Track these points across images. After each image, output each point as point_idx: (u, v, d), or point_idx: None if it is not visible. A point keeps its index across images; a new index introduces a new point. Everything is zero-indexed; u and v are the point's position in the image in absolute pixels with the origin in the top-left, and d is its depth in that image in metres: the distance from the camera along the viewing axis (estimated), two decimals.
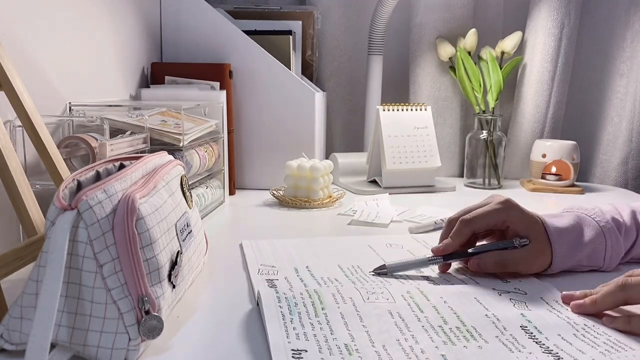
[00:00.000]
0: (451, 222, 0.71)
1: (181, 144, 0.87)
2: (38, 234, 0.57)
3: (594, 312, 0.56)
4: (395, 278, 0.66)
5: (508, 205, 0.69)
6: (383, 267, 0.67)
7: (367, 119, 1.37)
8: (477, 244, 0.71)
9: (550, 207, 1.12)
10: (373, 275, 0.67)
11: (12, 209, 0.58)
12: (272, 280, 0.65)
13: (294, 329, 0.50)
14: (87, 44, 0.90)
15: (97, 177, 0.54)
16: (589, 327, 0.53)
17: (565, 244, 0.68)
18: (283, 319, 0.52)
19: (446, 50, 1.31)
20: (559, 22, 1.28)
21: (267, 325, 0.51)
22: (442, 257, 0.68)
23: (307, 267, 0.70)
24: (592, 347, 0.49)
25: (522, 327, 0.52)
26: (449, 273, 0.69)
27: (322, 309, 0.55)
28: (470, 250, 0.68)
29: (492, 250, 0.68)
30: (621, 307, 0.56)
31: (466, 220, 0.68)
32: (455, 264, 0.70)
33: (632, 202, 0.76)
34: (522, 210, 0.69)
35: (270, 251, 0.76)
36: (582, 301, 0.57)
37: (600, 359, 0.47)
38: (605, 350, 0.48)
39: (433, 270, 0.69)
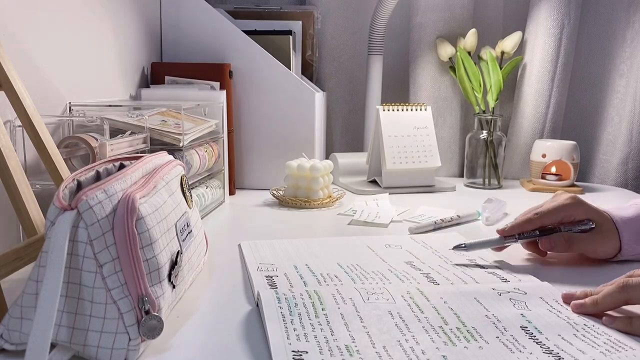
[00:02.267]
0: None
1: (181, 144, 0.87)
2: (38, 234, 0.57)
3: (595, 313, 0.56)
4: (397, 277, 0.66)
5: (576, 201, 0.75)
6: (462, 245, 0.76)
7: (367, 119, 1.37)
8: None
9: None
10: (453, 250, 0.76)
11: (12, 209, 0.58)
12: (271, 277, 0.65)
13: (294, 329, 0.50)
14: (87, 44, 0.90)
15: (97, 177, 0.54)
16: (589, 327, 0.53)
17: (631, 230, 0.73)
18: (283, 320, 0.52)
19: (446, 50, 1.31)
20: (559, 22, 1.28)
21: (267, 326, 0.51)
22: (517, 236, 0.74)
23: (306, 264, 0.70)
24: (593, 347, 0.49)
25: (522, 328, 0.52)
26: (458, 269, 0.69)
27: (322, 309, 0.55)
28: (539, 232, 0.75)
29: (562, 231, 0.74)
30: (622, 307, 0.56)
31: (537, 213, 0.75)
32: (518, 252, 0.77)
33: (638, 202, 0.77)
34: (588, 205, 0.74)
35: (269, 251, 0.76)
36: (582, 301, 0.57)
37: (600, 358, 0.47)
38: (606, 350, 0.48)
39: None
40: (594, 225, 0.73)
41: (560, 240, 0.73)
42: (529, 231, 0.75)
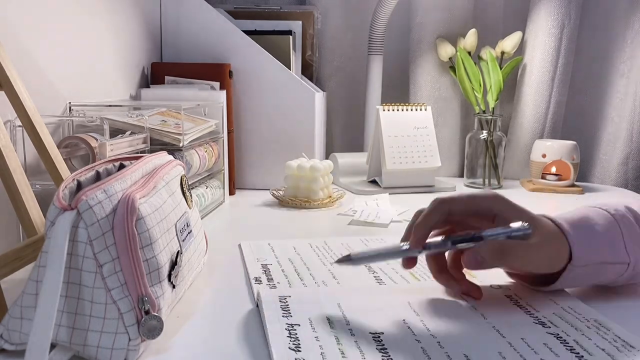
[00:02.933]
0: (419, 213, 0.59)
1: (181, 144, 0.87)
2: (38, 234, 0.57)
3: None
4: (402, 278, 0.66)
5: (494, 194, 0.57)
6: (348, 257, 0.55)
7: (367, 119, 1.37)
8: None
9: (551, 207, 1.12)
10: (337, 264, 0.57)
11: (12, 209, 0.58)
12: (271, 277, 0.65)
13: (294, 330, 0.50)
14: (88, 44, 0.90)
15: (97, 177, 0.54)
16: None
17: (580, 233, 0.56)
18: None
19: (446, 50, 1.31)
20: (559, 22, 1.28)
21: (267, 327, 0.51)
22: (423, 246, 0.55)
23: (306, 265, 0.70)
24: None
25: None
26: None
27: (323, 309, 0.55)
28: (452, 239, 0.55)
29: (484, 238, 0.54)
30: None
31: (444, 199, 0.55)
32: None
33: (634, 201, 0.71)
34: (511, 202, 0.57)
35: (269, 251, 0.76)
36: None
37: None
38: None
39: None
40: (529, 229, 0.54)
41: (487, 250, 0.53)
42: (440, 236, 0.56)
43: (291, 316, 0.53)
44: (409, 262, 0.57)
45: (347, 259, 0.55)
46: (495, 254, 0.53)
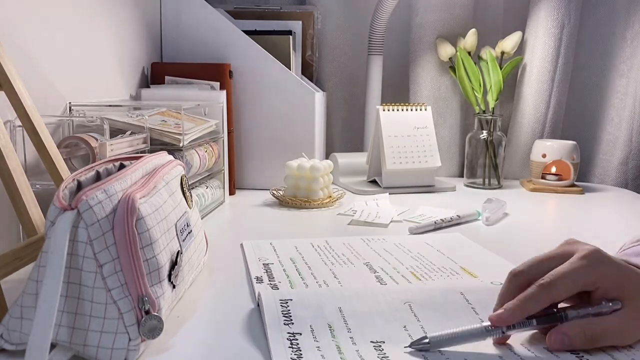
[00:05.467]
0: (516, 276, 0.51)
1: (181, 144, 0.87)
2: (38, 234, 0.57)
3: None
4: (404, 277, 0.66)
5: (597, 259, 0.50)
6: (423, 339, 0.48)
7: (367, 119, 1.37)
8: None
9: (551, 207, 1.12)
10: (410, 348, 0.48)
11: (12, 209, 0.58)
12: (272, 277, 0.65)
13: (294, 331, 0.50)
14: (87, 44, 0.90)
15: (97, 177, 0.54)
16: None
17: None
18: (284, 322, 0.52)
19: (446, 50, 1.31)
20: (559, 22, 1.28)
21: (267, 327, 0.51)
22: (505, 328, 0.49)
23: (307, 265, 0.70)
24: None
25: None
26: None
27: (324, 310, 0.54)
28: (537, 319, 0.49)
29: (574, 319, 0.49)
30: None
31: (544, 285, 0.49)
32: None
33: None
34: (616, 264, 0.50)
35: (270, 251, 0.76)
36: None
37: None
38: None
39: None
40: (619, 307, 0.49)
41: (577, 333, 0.48)
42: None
43: (292, 323, 0.52)
44: (503, 339, 0.50)
45: (423, 340, 0.48)
46: (583, 339, 0.48)
